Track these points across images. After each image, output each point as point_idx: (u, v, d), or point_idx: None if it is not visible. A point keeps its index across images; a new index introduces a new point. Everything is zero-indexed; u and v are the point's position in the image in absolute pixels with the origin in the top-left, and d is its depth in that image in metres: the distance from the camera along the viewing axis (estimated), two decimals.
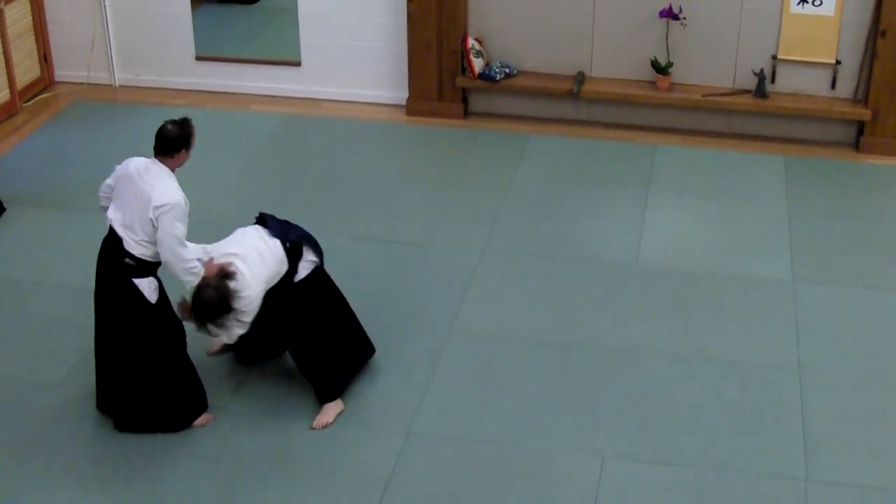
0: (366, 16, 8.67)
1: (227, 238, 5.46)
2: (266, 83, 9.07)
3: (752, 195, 7.62)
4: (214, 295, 5.06)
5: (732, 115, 8.40)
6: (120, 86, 9.22)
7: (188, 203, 5.17)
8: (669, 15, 8.12)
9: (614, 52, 8.42)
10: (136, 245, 5.15)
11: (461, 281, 6.64)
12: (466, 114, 8.73)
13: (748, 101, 8.25)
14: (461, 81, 8.56)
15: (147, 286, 5.22)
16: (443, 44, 8.47)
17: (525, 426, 5.54)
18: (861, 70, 8.14)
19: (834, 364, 5.99)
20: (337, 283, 5.74)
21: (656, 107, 8.47)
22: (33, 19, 8.93)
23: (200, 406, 5.51)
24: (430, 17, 8.39)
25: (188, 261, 5.12)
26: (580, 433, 5.49)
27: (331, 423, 5.53)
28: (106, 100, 9.02)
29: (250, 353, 5.84)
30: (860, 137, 8.23)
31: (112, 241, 5.21)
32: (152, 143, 5.21)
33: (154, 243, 5.13)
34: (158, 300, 5.28)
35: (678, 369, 5.93)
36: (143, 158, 5.26)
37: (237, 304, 5.14)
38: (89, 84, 9.22)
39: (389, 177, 7.84)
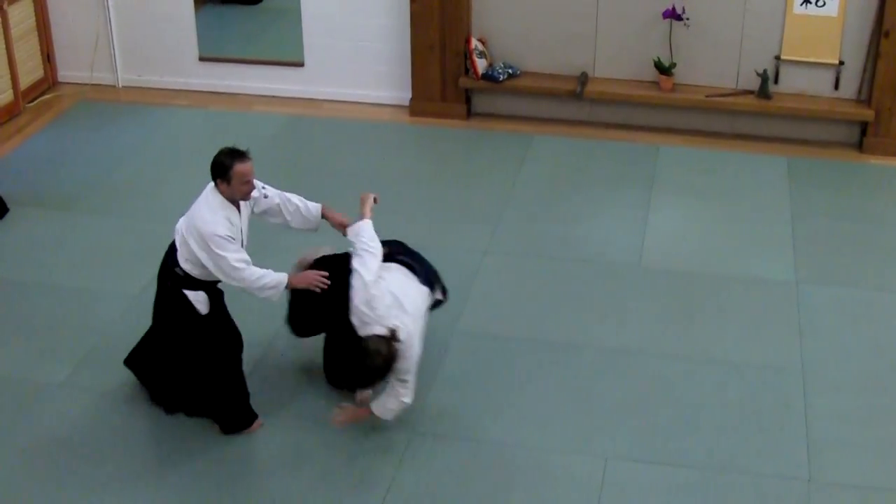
0: (369, 16, 8.68)
1: (384, 272, 5.36)
2: (269, 84, 9.07)
3: (755, 196, 7.62)
4: (381, 361, 5.03)
5: (735, 116, 8.39)
6: (123, 86, 9.23)
7: (232, 227, 5.13)
8: (672, 15, 8.11)
9: (617, 52, 8.42)
10: (184, 261, 5.23)
11: (464, 281, 6.63)
12: (469, 114, 8.72)
13: (751, 101, 8.24)
14: (464, 82, 8.56)
15: (195, 297, 5.27)
16: (446, 44, 8.47)
17: (528, 427, 5.53)
18: (864, 70, 8.13)
19: (837, 365, 5.98)
20: None
21: (659, 107, 8.46)
22: (37, 20, 8.94)
23: (245, 418, 5.51)
24: (434, 18, 8.39)
25: (255, 280, 5.14)
26: (583, 434, 5.49)
27: None
28: (109, 100, 9.02)
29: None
30: (863, 138, 8.22)
31: (172, 250, 5.32)
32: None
33: (197, 264, 5.18)
34: (210, 313, 5.31)
35: (681, 370, 5.93)
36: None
37: (399, 364, 5.13)
38: (92, 84, 9.23)
39: (392, 177, 7.83)
